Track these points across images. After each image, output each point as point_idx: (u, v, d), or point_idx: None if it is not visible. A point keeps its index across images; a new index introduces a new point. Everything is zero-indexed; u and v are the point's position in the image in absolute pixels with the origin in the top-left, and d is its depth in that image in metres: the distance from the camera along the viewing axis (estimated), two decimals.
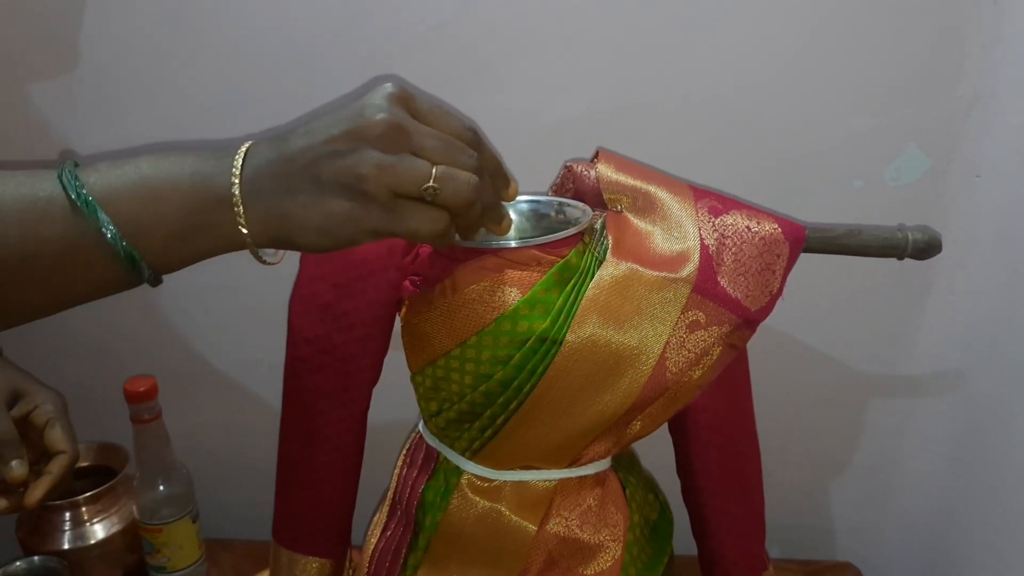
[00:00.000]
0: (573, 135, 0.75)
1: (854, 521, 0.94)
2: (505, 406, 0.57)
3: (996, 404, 0.77)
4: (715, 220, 0.57)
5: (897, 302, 0.82)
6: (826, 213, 0.77)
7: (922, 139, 0.75)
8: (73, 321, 0.88)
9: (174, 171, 0.46)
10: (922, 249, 0.59)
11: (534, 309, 0.55)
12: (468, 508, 0.61)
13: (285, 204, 0.46)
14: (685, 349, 0.56)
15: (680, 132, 0.76)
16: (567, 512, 0.61)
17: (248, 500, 0.98)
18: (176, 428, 0.83)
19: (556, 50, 0.73)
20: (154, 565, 0.84)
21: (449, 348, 0.57)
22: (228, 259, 0.83)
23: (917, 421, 0.87)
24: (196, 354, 0.89)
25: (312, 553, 0.70)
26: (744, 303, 0.56)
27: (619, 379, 0.55)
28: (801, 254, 0.59)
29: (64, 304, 0.48)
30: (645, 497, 0.67)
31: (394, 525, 0.66)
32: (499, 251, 0.56)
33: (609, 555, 0.62)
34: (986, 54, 0.71)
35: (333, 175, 0.45)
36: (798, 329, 0.83)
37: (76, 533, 0.83)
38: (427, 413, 0.63)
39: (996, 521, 0.76)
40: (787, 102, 0.74)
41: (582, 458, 0.60)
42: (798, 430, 0.88)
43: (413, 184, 0.45)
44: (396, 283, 0.61)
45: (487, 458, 0.60)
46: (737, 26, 0.71)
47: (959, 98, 0.73)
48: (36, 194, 0.45)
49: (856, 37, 0.71)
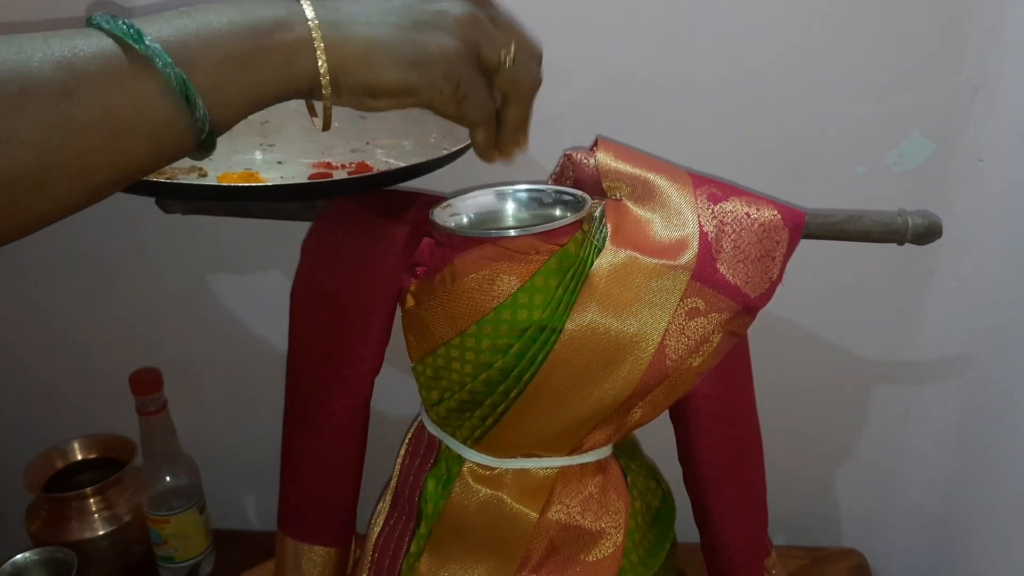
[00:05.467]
0: (572, 123, 0.75)
1: (859, 508, 0.94)
2: (505, 395, 0.57)
3: (1001, 389, 0.76)
4: (714, 207, 0.57)
5: (901, 288, 0.82)
6: (829, 200, 0.76)
7: (925, 125, 0.74)
8: (78, 313, 0.89)
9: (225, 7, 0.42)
10: (922, 234, 0.59)
11: (533, 297, 0.55)
12: (470, 496, 0.61)
13: (371, 32, 0.44)
14: (685, 336, 0.56)
15: (681, 119, 0.75)
16: (568, 499, 0.61)
17: (254, 490, 0.99)
18: (182, 419, 0.84)
19: (555, 38, 0.72)
20: (161, 556, 0.85)
21: (449, 337, 0.58)
22: (231, 252, 0.84)
23: (922, 407, 0.87)
24: (201, 346, 0.90)
25: (317, 542, 0.70)
26: (744, 290, 0.56)
27: (619, 367, 0.56)
28: (803, 240, 0.59)
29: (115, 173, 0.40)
30: (647, 484, 0.68)
31: (397, 514, 0.67)
32: (498, 240, 0.56)
33: (611, 542, 0.62)
34: (989, 39, 0.70)
35: (430, 14, 0.45)
36: (802, 316, 0.83)
37: (84, 524, 0.83)
38: (428, 402, 0.63)
39: (1002, 506, 0.76)
40: (789, 88, 0.73)
41: (583, 446, 0.61)
42: (802, 417, 0.88)
43: (495, 47, 0.48)
44: (396, 273, 0.61)
45: (488, 446, 0.61)
46: (738, 12, 0.71)
47: (962, 83, 0.73)
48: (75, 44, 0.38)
49: (859, 23, 0.71)
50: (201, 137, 0.41)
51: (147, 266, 0.86)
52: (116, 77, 0.38)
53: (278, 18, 0.42)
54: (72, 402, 0.95)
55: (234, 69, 0.41)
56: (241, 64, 0.41)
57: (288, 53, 0.42)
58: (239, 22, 0.41)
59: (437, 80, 0.46)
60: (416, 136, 0.67)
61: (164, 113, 0.39)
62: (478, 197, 0.63)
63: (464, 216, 0.62)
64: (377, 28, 0.45)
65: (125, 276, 0.87)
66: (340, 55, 0.43)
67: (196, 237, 0.84)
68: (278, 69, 0.42)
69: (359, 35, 0.44)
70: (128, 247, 0.85)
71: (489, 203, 0.63)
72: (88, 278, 0.87)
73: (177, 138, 0.40)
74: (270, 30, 0.42)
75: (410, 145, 0.65)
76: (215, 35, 0.40)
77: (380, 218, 0.63)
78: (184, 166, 0.58)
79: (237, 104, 0.42)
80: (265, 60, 0.42)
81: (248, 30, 0.41)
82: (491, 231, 0.56)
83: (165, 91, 0.39)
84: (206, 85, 0.40)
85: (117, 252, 0.86)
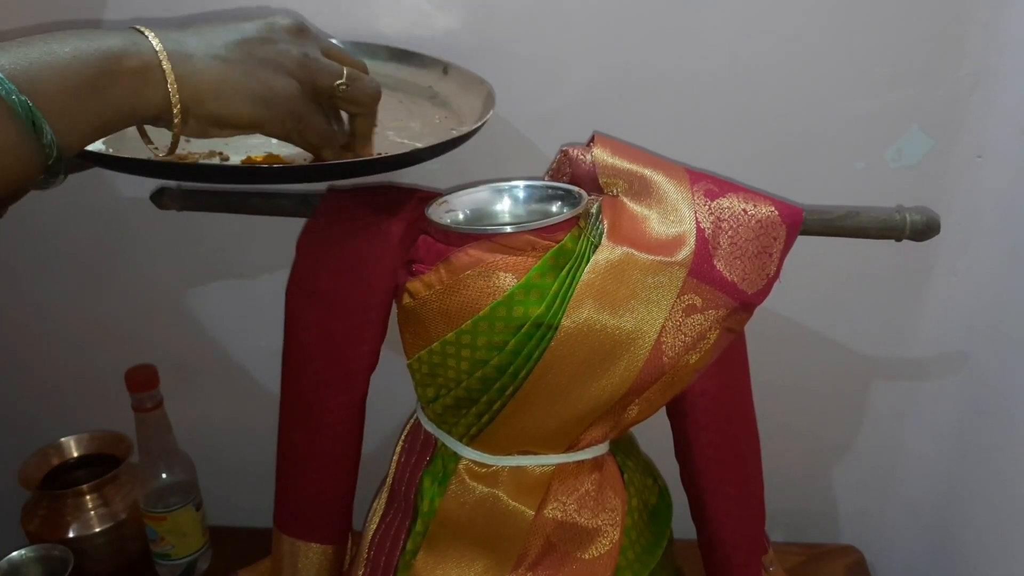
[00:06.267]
0: (569, 119, 0.75)
1: (857, 505, 0.94)
2: (501, 392, 0.57)
3: (999, 386, 0.76)
4: (711, 203, 0.57)
5: (899, 284, 0.81)
6: (827, 196, 0.76)
7: (924, 120, 0.74)
8: (74, 310, 0.89)
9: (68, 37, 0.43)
10: (920, 230, 0.59)
11: (529, 294, 0.55)
12: (466, 493, 0.61)
13: (221, 67, 0.46)
14: (681, 333, 0.56)
15: (678, 115, 0.75)
16: (565, 497, 0.61)
17: (251, 487, 0.98)
18: (178, 416, 0.83)
19: (552, 33, 0.72)
20: (158, 553, 0.85)
21: (445, 334, 0.57)
22: (227, 249, 0.84)
23: (920, 404, 0.86)
24: (197, 342, 0.90)
25: (313, 539, 0.70)
26: (740, 286, 0.56)
27: (615, 364, 0.55)
28: (801, 236, 0.59)
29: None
30: (643, 481, 0.67)
31: (393, 511, 0.67)
32: (494, 236, 0.56)
33: (607, 539, 0.62)
34: (988, 34, 0.70)
35: (272, 54, 0.48)
36: (799, 313, 0.83)
37: (80, 522, 0.83)
38: (424, 399, 0.63)
39: (1000, 503, 0.76)
40: (787, 84, 0.73)
41: (579, 443, 0.60)
42: (800, 414, 0.88)
43: (330, 78, 0.51)
44: (392, 269, 0.61)
45: (484, 444, 0.60)
46: (737, 8, 0.71)
47: (961, 79, 0.72)
48: None
49: (858, 18, 0.71)
50: (48, 162, 0.41)
51: (143, 263, 0.86)
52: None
53: (123, 48, 0.43)
54: (68, 399, 0.94)
55: (80, 96, 0.42)
56: (88, 91, 0.42)
57: (135, 81, 0.44)
58: (84, 50, 0.42)
59: (282, 116, 0.49)
60: (421, 118, 0.67)
61: (10, 139, 0.40)
62: (474, 193, 0.63)
63: (460, 212, 0.62)
64: (227, 64, 0.47)
65: (121, 273, 0.87)
66: (192, 87, 0.45)
67: (192, 234, 0.84)
68: (126, 96, 0.43)
69: (210, 68, 0.46)
70: (124, 244, 0.85)
71: (485, 199, 0.63)
72: (83, 275, 0.87)
73: (23, 162, 0.41)
74: (117, 57, 0.43)
75: (418, 126, 0.65)
76: (59, 63, 0.41)
77: (376, 215, 0.63)
78: (203, 151, 0.58)
79: (84, 130, 0.43)
80: (112, 87, 0.43)
81: (94, 58, 0.42)
82: (487, 227, 0.56)
83: (10, 117, 0.39)
84: (52, 111, 0.40)
85: (113, 249, 0.85)
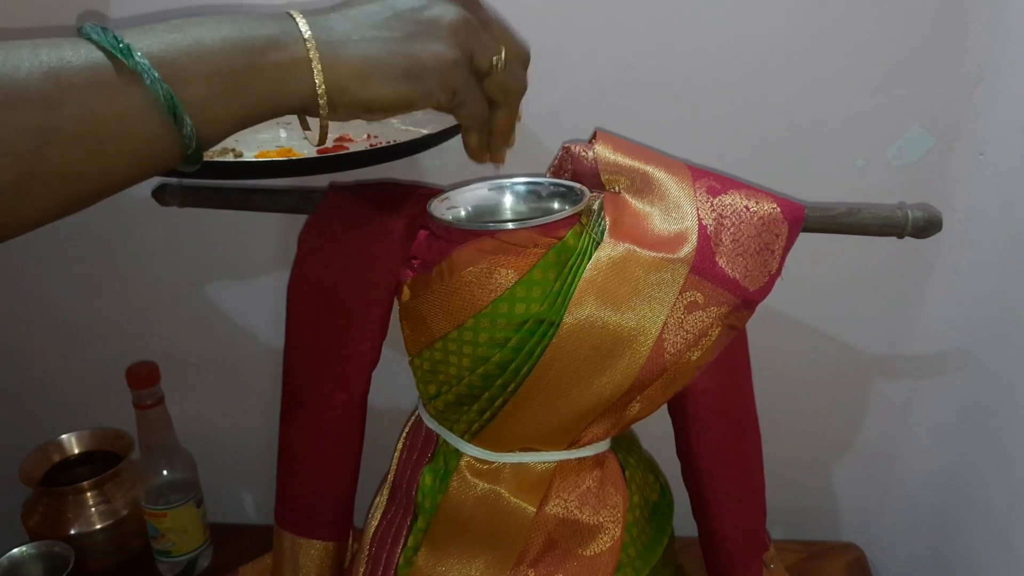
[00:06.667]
0: (571, 116, 0.75)
1: (858, 502, 0.94)
2: (503, 388, 0.57)
3: (1001, 383, 0.76)
4: (713, 200, 0.57)
5: (900, 281, 0.81)
6: (828, 193, 0.76)
7: (925, 117, 0.74)
8: (74, 306, 0.89)
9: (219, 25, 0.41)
10: (922, 227, 0.59)
11: (531, 291, 0.55)
12: (468, 490, 0.61)
13: (366, 49, 0.44)
14: (683, 330, 0.56)
15: (680, 112, 0.75)
16: (566, 494, 0.61)
17: (252, 484, 0.98)
18: (179, 413, 0.83)
19: (554, 29, 0.72)
20: (159, 550, 0.85)
21: (447, 331, 0.57)
22: (228, 245, 0.84)
23: (921, 400, 0.86)
24: (198, 339, 0.90)
25: (314, 536, 0.70)
26: (743, 283, 0.56)
27: (617, 361, 0.55)
28: (803, 234, 0.58)
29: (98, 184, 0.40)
30: (645, 478, 0.67)
31: (394, 508, 0.67)
32: (496, 233, 0.56)
33: (608, 536, 0.62)
34: (989, 31, 0.70)
35: (423, 23, 0.46)
36: (801, 309, 0.83)
37: (81, 518, 0.83)
38: (426, 396, 0.63)
39: (1001, 500, 0.76)
40: (788, 81, 0.73)
41: (581, 440, 0.60)
42: (801, 411, 0.88)
43: (487, 52, 0.49)
44: (393, 266, 0.61)
45: (486, 440, 0.60)
46: (738, 4, 0.71)
47: (963, 76, 0.72)
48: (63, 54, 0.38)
49: (859, 15, 0.70)
50: (188, 152, 0.41)
51: (144, 259, 0.86)
52: (103, 90, 0.38)
53: (272, 37, 0.42)
54: (69, 396, 0.94)
55: (224, 87, 0.41)
56: (232, 82, 0.41)
57: (282, 73, 0.42)
58: (232, 40, 0.41)
59: (433, 90, 0.47)
60: None
61: (151, 128, 0.39)
62: (476, 190, 0.63)
63: (462, 209, 0.62)
64: (371, 44, 0.45)
65: (122, 269, 0.86)
66: (336, 75, 0.44)
67: (193, 230, 0.83)
68: (270, 87, 0.42)
69: (354, 53, 0.44)
70: (125, 240, 0.85)
71: (487, 196, 0.63)
72: (85, 271, 0.87)
73: (163, 152, 0.40)
74: (263, 49, 0.42)
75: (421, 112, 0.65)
76: (207, 52, 0.40)
77: (377, 211, 0.63)
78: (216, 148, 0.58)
79: (226, 121, 0.42)
80: (257, 79, 0.42)
81: (241, 48, 0.41)
82: (489, 224, 0.56)
83: (152, 106, 0.39)
84: (195, 102, 0.40)
85: (114, 245, 0.85)
